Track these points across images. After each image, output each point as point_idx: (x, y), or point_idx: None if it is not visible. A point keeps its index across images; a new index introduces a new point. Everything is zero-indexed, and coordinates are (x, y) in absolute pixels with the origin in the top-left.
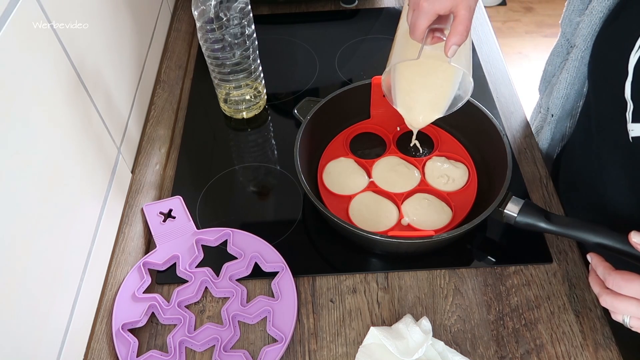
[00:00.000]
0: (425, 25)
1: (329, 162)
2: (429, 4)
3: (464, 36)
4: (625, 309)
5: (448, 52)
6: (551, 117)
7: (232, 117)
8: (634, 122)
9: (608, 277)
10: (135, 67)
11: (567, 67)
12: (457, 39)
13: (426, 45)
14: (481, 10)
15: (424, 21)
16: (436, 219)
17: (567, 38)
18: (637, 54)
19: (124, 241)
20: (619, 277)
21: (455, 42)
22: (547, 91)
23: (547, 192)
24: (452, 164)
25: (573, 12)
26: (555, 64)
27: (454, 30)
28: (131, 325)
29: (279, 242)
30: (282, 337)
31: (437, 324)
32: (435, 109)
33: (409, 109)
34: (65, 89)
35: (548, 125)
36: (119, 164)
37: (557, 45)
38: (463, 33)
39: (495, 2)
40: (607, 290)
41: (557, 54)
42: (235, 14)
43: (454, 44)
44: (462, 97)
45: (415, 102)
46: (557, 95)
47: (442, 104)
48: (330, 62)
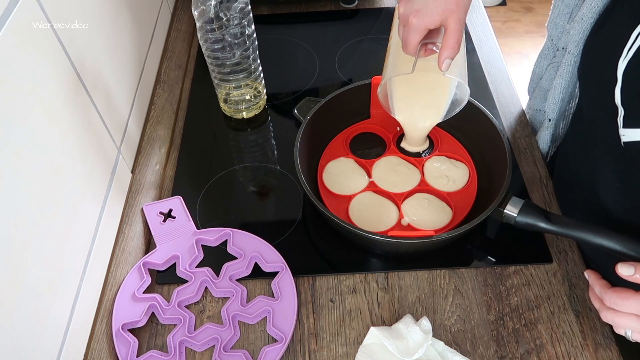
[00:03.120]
0: (417, 40)
1: (329, 162)
2: (418, 20)
3: (456, 49)
4: (625, 325)
5: (442, 67)
6: (548, 121)
7: (232, 117)
8: (625, 127)
9: (605, 295)
10: (135, 67)
11: (560, 73)
12: (450, 52)
13: (420, 58)
14: (481, 10)
15: (415, 37)
16: (436, 219)
17: (553, 41)
18: (626, 60)
19: (124, 241)
20: (615, 296)
21: (448, 55)
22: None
23: (547, 192)
24: (452, 163)
25: (558, 16)
26: (543, 66)
27: (446, 44)
28: (131, 325)
29: (279, 242)
30: (282, 337)
31: (437, 324)
32: (433, 116)
33: (407, 118)
34: (65, 89)
35: (547, 129)
36: (119, 164)
37: (544, 48)
38: (454, 46)
39: (495, 2)
40: (607, 306)
41: (544, 57)
42: (235, 14)
43: (447, 57)
44: (460, 102)
45: (413, 111)
46: (552, 100)
47: (439, 111)
48: (330, 62)
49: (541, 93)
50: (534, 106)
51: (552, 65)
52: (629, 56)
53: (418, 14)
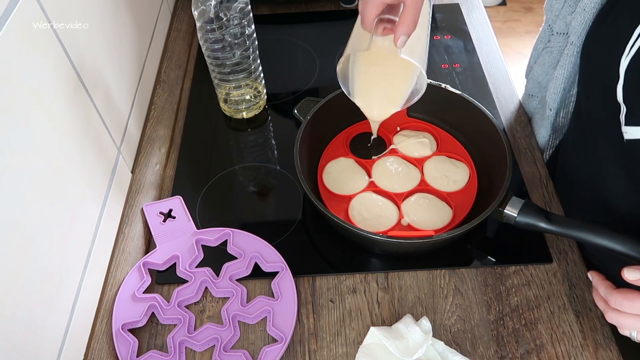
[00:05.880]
0: (373, 14)
1: (329, 162)
2: None
3: (412, 26)
4: (630, 325)
5: (397, 43)
6: (549, 111)
7: (232, 117)
8: (627, 125)
9: (610, 296)
10: (135, 67)
11: (562, 63)
12: (405, 29)
13: (378, 36)
14: (481, 10)
15: (372, 10)
16: (436, 219)
17: (549, 25)
18: (628, 57)
19: (124, 241)
20: (621, 297)
21: (404, 32)
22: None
23: (547, 192)
24: (452, 163)
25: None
26: (539, 49)
27: (402, 20)
28: (131, 325)
29: (279, 242)
30: (282, 337)
31: (437, 324)
32: (391, 102)
33: (365, 102)
34: (65, 89)
35: (547, 119)
36: (119, 164)
37: (541, 31)
38: (411, 23)
39: (495, 2)
40: (612, 307)
41: (540, 40)
42: (235, 14)
43: (402, 34)
44: (418, 91)
45: (371, 95)
46: (554, 90)
47: (398, 98)
48: (330, 62)
49: (534, 78)
50: (528, 90)
51: (546, 50)
52: (632, 54)
53: None
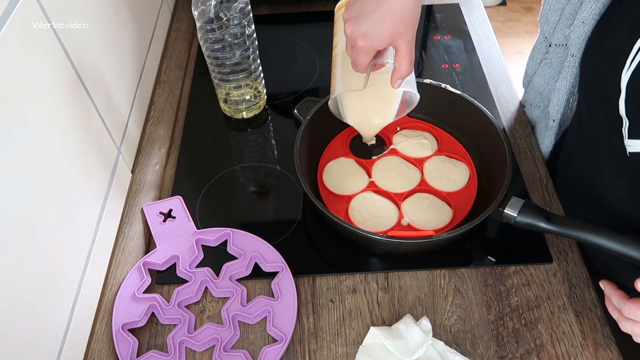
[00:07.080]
0: (366, 62)
1: (329, 162)
2: (367, 43)
3: (409, 70)
4: None
5: (394, 86)
6: (552, 122)
7: (232, 117)
8: (630, 138)
9: (623, 307)
10: (135, 67)
11: (563, 75)
12: (402, 74)
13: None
14: (481, 10)
15: (365, 59)
16: (436, 219)
17: (545, 37)
18: (629, 72)
19: (124, 241)
20: (635, 307)
21: (400, 76)
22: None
23: (547, 192)
24: (452, 163)
25: (549, 12)
26: (536, 61)
27: (398, 67)
28: (131, 325)
29: (279, 242)
30: (282, 337)
31: (437, 324)
32: (383, 119)
33: (360, 124)
34: (65, 89)
35: (551, 130)
36: (119, 164)
37: (536, 43)
38: (408, 68)
39: (495, 2)
40: (626, 317)
41: (537, 51)
42: (235, 14)
43: (399, 78)
44: (410, 104)
45: (365, 117)
46: (556, 102)
47: (389, 114)
48: (330, 62)
49: (535, 88)
50: (530, 101)
51: (545, 62)
52: (632, 68)
53: (366, 37)
